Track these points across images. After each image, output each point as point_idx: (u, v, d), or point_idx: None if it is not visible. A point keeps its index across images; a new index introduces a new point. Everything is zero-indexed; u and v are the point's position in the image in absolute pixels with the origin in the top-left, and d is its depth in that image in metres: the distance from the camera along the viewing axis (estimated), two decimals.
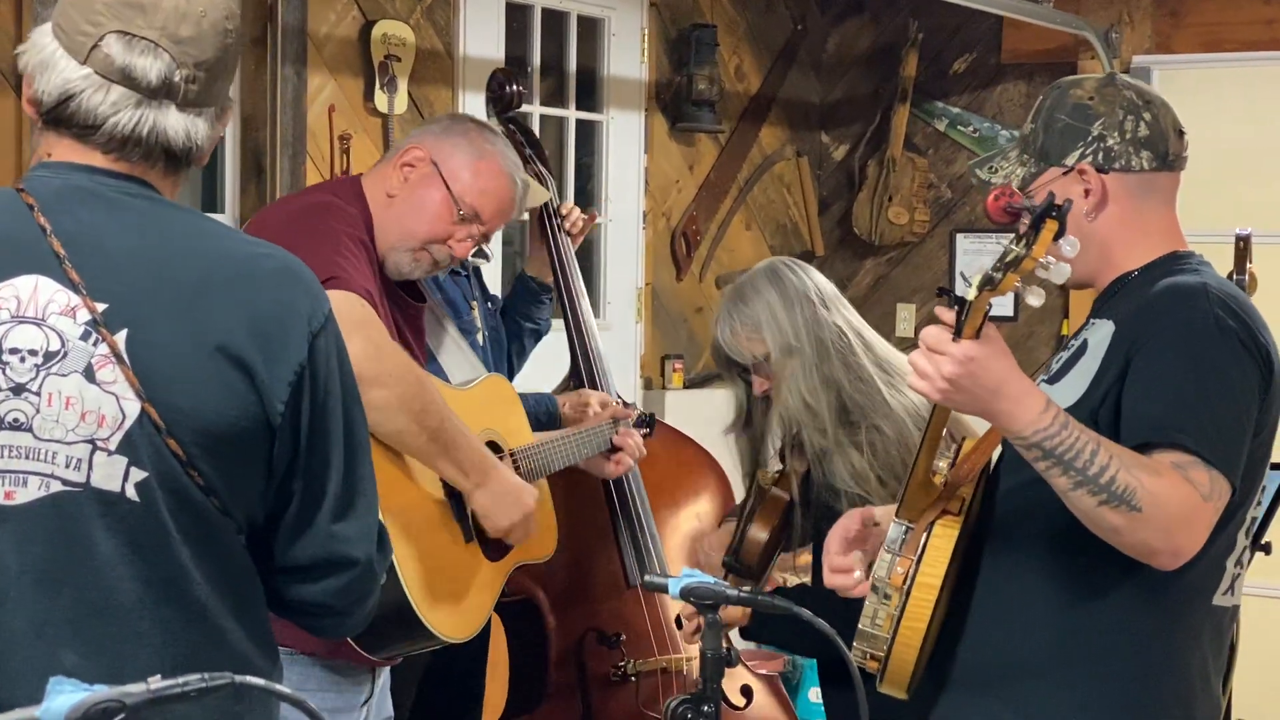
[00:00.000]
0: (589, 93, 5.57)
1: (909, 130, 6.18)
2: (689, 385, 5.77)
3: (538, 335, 3.64)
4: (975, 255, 6.10)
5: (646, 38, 5.65)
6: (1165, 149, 2.25)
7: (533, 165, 3.44)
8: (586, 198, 5.63)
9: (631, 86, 5.64)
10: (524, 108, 5.23)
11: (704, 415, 5.72)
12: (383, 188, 2.70)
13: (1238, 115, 5.58)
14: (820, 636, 1.92)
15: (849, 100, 6.38)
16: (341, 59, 4.66)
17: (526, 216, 3.60)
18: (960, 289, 2.02)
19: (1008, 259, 1.96)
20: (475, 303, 3.40)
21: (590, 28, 5.54)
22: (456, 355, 2.93)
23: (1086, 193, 2.23)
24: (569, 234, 3.51)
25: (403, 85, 4.73)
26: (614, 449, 3.23)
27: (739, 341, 2.91)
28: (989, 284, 1.97)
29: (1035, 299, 2.01)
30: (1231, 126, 5.57)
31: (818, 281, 2.95)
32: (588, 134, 5.58)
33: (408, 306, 2.72)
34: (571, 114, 5.49)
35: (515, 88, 3.50)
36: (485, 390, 2.85)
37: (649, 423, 3.37)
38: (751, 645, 4.95)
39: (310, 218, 2.51)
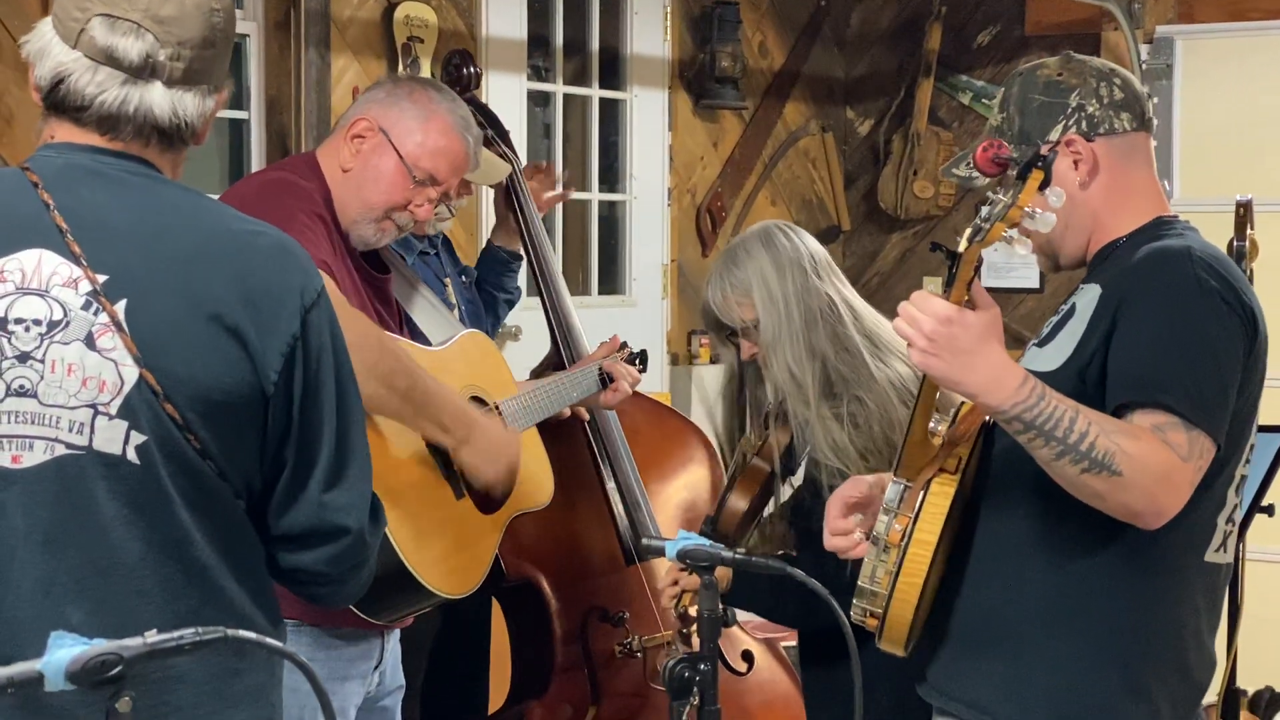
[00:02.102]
0: (612, 71, 5.61)
1: (933, 104, 6.19)
2: (715, 360, 5.82)
3: (510, 304, 3.67)
4: None
5: (669, 15, 5.69)
6: (1141, 109, 2.30)
7: (496, 145, 3.46)
8: (612, 176, 5.68)
9: (655, 64, 5.67)
10: (547, 87, 5.33)
11: (730, 390, 5.80)
12: (336, 162, 2.70)
13: (1261, 84, 5.57)
14: (802, 603, 1.94)
15: (873, 75, 6.40)
16: (364, 41, 4.72)
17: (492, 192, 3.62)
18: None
19: (995, 209, 2.01)
20: (449, 280, 3.43)
21: (612, 6, 5.57)
22: (433, 315, 2.95)
23: (1076, 163, 2.26)
24: (531, 207, 3.51)
25: (426, 66, 4.78)
26: (605, 383, 3.24)
27: (729, 305, 2.87)
28: (977, 235, 2.02)
29: (1022, 248, 2.06)
30: (1255, 95, 5.56)
31: (811, 247, 2.90)
32: (612, 112, 5.62)
33: (374, 278, 2.74)
34: (595, 93, 5.53)
35: (472, 69, 3.53)
36: (463, 346, 2.85)
37: (642, 360, 3.38)
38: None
39: (265, 196, 2.54)
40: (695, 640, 3.03)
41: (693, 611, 2.93)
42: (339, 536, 1.91)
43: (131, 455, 1.80)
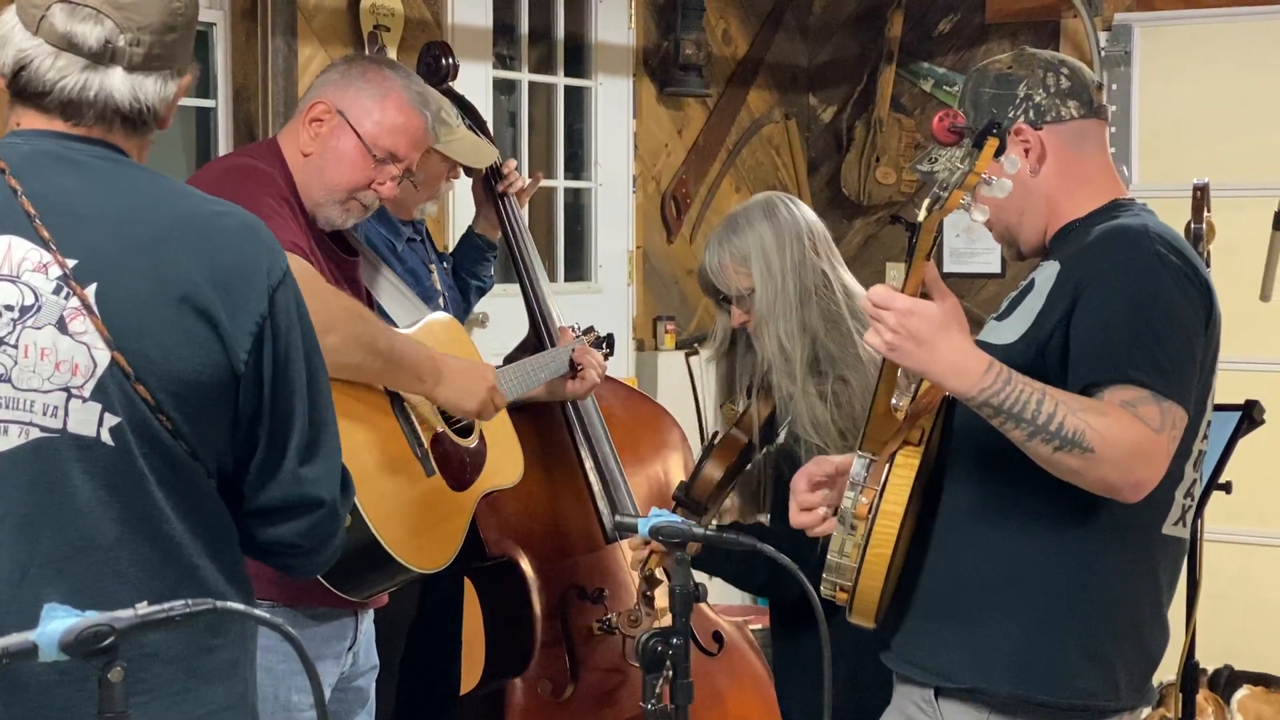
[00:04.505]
0: (577, 59, 5.63)
1: (895, 91, 6.23)
2: (681, 346, 5.85)
3: (481, 291, 3.71)
4: (962, 214, 6.15)
5: (633, 3, 5.70)
6: (1089, 97, 2.36)
7: (474, 134, 3.49)
8: (577, 163, 5.70)
9: (619, 52, 5.69)
10: (512, 75, 5.35)
11: (696, 375, 5.83)
12: (297, 147, 2.73)
13: (1218, 71, 5.62)
14: (773, 572, 1.98)
15: (836, 62, 6.44)
16: (331, 29, 4.73)
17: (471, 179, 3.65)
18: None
19: (953, 177, 2.07)
20: (434, 266, 3.46)
21: None
22: (398, 299, 2.97)
23: (1026, 151, 2.33)
24: (513, 196, 3.55)
25: (392, 54, 4.78)
26: (575, 370, 3.28)
27: (725, 273, 2.90)
28: (937, 203, 2.08)
29: (980, 214, 2.12)
30: (1212, 82, 5.62)
31: (810, 221, 2.94)
32: (577, 100, 5.64)
33: (342, 261, 2.77)
34: (560, 81, 5.55)
35: (449, 60, 3.54)
36: (430, 329, 2.88)
37: (609, 343, 3.42)
38: (744, 600, 5.02)
39: (228, 181, 2.56)
40: (657, 603, 3.08)
41: (659, 574, 2.97)
42: (314, 508, 1.95)
43: (105, 437, 1.82)
